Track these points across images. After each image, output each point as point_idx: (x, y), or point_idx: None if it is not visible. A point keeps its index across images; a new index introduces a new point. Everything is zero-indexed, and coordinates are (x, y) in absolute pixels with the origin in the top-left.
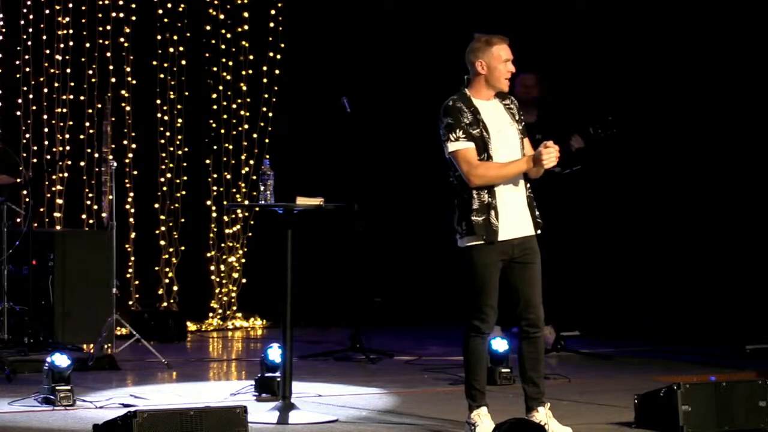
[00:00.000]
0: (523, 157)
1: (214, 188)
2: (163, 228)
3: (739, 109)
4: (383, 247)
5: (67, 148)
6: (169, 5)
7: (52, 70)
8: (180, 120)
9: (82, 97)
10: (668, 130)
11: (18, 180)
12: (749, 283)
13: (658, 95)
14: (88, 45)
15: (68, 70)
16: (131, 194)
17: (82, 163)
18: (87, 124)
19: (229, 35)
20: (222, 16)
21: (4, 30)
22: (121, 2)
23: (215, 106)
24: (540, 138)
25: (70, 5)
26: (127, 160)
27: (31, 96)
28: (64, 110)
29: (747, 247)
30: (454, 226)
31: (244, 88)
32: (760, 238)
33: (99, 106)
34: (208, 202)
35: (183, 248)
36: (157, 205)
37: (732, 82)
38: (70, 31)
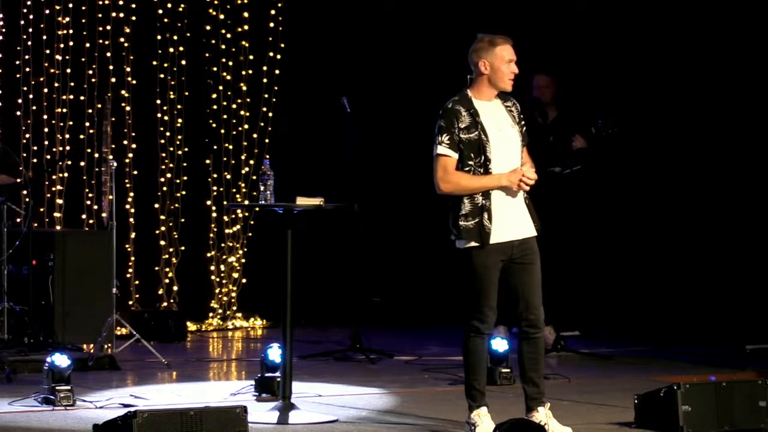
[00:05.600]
0: (499, 175)
1: (214, 188)
2: (163, 228)
3: (739, 109)
4: (383, 247)
5: (67, 148)
6: (169, 5)
7: (52, 70)
8: (180, 120)
9: (82, 97)
10: (668, 130)
11: (18, 180)
12: (749, 283)
13: (658, 95)
14: (88, 45)
15: (68, 70)
16: (131, 194)
17: (82, 163)
18: (87, 124)
19: (229, 35)
20: (222, 16)
21: (4, 30)
22: (121, 2)
23: (215, 106)
24: (553, 140)
25: (70, 5)
26: (127, 160)
27: (31, 96)
28: (64, 110)
29: (746, 248)
30: (450, 228)
31: (244, 88)
32: (760, 238)
33: (99, 106)
34: (208, 202)
35: (183, 248)
36: (157, 205)
37: (732, 82)
38: (70, 31)
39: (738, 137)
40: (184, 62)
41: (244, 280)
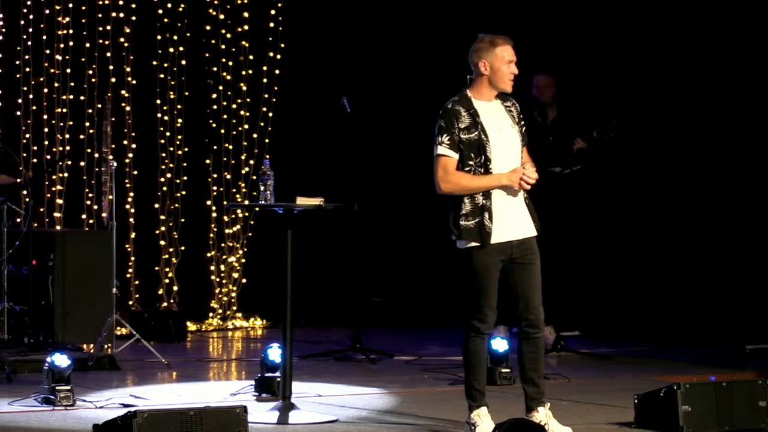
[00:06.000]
0: (500, 174)
1: (214, 188)
2: (163, 228)
3: (739, 110)
4: (383, 247)
5: (67, 148)
6: (169, 5)
7: (52, 70)
8: (180, 120)
9: (82, 97)
10: (668, 130)
11: (18, 180)
12: (749, 283)
13: (658, 95)
14: (88, 45)
15: (68, 70)
16: (131, 194)
17: (82, 163)
18: (87, 124)
19: (229, 35)
20: (222, 16)
21: (4, 30)
22: (121, 2)
23: (215, 106)
24: (552, 140)
25: (70, 5)
26: (127, 160)
27: (31, 96)
28: (64, 110)
29: (746, 248)
30: (451, 228)
31: (244, 88)
32: (760, 238)
33: (99, 106)
34: (208, 202)
35: (183, 248)
36: (157, 205)
37: (732, 83)
38: (70, 31)
39: (738, 137)
40: (184, 62)
41: (244, 280)
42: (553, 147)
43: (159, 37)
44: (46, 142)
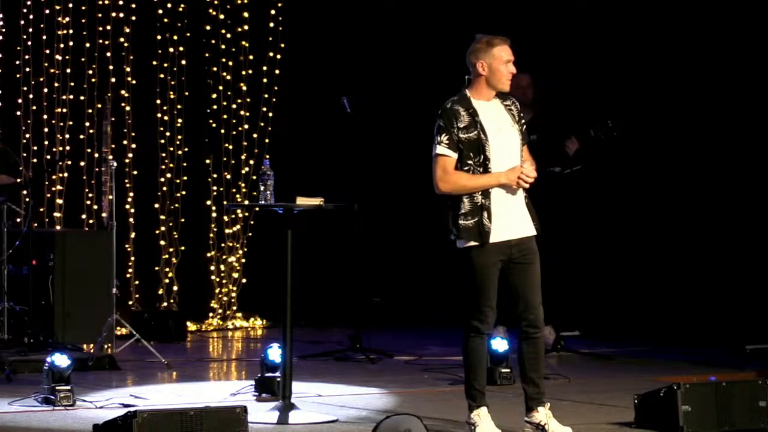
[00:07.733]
0: (498, 173)
1: (214, 188)
2: (163, 228)
3: (738, 110)
4: (383, 247)
5: (67, 148)
6: (169, 5)
7: (52, 70)
8: (180, 120)
9: (82, 97)
10: (668, 130)
11: (18, 180)
12: (749, 283)
13: (657, 95)
14: (88, 45)
15: (68, 70)
16: (131, 194)
17: (82, 163)
18: (87, 124)
19: (229, 35)
20: (222, 16)
21: (4, 30)
22: (121, 2)
23: (215, 106)
24: (535, 139)
25: (70, 5)
26: (127, 160)
27: (31, 96)
28: (64, 110)
29: (746, 248)
30: (450, 227)
31: (244, 88)
32: (760, 238)
33: (99, 106)
34: (208, 202)
35: (183, 248)
36: (157, 205)
37: (732, 83)
38: (70, 31)
39: (737, 138)
40: (184, 62)
41: (244, 280)
42: (544, 147)
43: (159, 37)
44: (46, 142)
